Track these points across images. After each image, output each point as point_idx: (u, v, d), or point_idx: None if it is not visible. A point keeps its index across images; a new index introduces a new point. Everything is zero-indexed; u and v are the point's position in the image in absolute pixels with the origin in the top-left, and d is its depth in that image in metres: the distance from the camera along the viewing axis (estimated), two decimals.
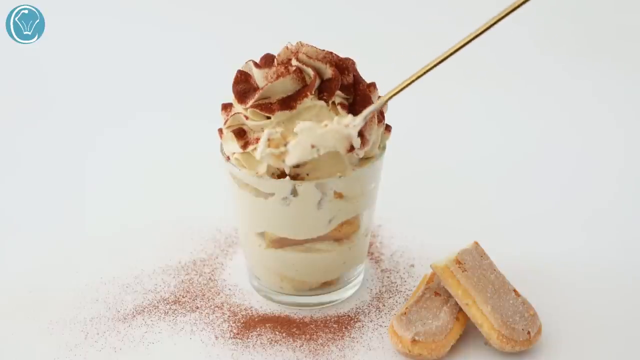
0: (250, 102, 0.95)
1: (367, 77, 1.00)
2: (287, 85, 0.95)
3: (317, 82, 0.95)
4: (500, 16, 0.88)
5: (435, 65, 0.91)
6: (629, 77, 1.52)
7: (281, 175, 0.95)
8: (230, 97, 0.98)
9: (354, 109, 0.97)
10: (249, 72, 0.98)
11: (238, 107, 0.97)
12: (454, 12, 1.65)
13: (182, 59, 1.60)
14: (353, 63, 0.98)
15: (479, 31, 0.89)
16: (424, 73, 0.91)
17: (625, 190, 1.25)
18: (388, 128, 1.01)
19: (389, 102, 1.01)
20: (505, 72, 1.55)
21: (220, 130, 0.99)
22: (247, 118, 0.96)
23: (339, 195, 0.97)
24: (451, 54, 0.90)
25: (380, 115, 0.99)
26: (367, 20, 1.67)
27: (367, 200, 1.00)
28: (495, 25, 0.88)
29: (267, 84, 0.94)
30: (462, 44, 0.89)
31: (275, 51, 0.99)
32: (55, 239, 1.16)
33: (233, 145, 0.97)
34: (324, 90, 0.95)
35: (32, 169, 1.31)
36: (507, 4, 0.88)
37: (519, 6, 0.87)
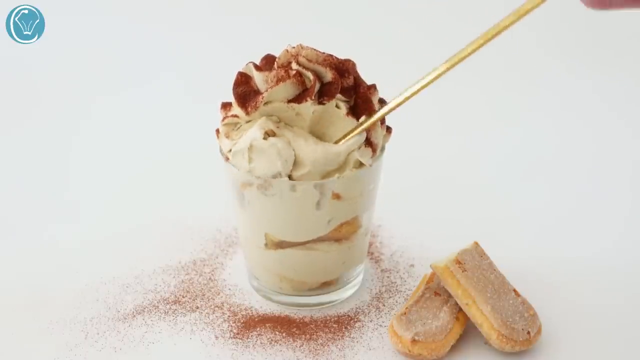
0: (251, 109, 0.95)
1: (368, 77, 1.00)
2: (287, 89, 0.94)
3: (317, 85, 0.95)
4: (501, 27, 0.88)
5: (433, 80, 0.92)
6: (635, 78, 1.52)
7: None
8: (231, 97, 0.98)
9: (354, 111, 0.97)
10: (249, 74, 0.98)
11: (237, 109, 0.97)
12: (456, 13, 1.65)
13: (183, 58, 1.60)
14: (353, 65, 0.98)
15: (479, 43, 0.89)
16: (420, 90, 0.93)
17: (626, 190, 1.25)
18: (388, 130, 1.01)
19: (388, 102, 1.01)
20: (505, 72, 1.54)
21: (218, 131, 0.99)
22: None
23: (337, 196, 0.97)
24: (451, 66, 0.91)
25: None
26: (370, 20, 1.67)
27: (366, 201, 1.00)
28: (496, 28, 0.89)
29: (267, 89, 0.94)
30: (463, 55, 0.90)
31: (276, 51, 0.99)
32: (55, 239, 1.16)
33: (228, 143, 0.97)
34: (324, 94, 0.95)
35: (32, 169, 1.31)
36: (508, 10, 0.88)
37: (525, 14, 0.87)
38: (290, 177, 0.95)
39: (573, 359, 0.97)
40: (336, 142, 0.96)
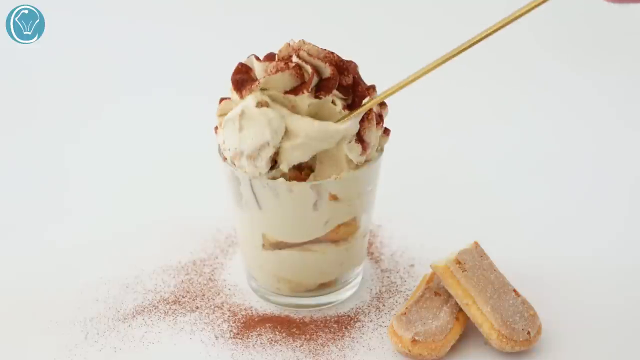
0: (246, 92, 0.95)
1: (372, 82, 1.00)
2: (285, 80, 0.94)
3: (315, 80, 0.95)
4: (501, 24, 0.88)
5: (431, 69, 0.92)
6: (635, 78, 1.52)
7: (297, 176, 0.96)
8: (229, 92, 0.98)
9: (351, 110, 0.97)
10: (249, 66, 0.98)
11: (233, 94, 0.97)
12: (458, 17, 1.65)
13: (183, 58, 1.60)
14: (355, 66, 0.98)
15: (480, 37, 0.89)
16: (419, 76, 0.92)
17: (626, 190, 1.25)
18: (386, 131, 1.01)
19: (389, 104, 1.01)
20: (505, 72, 1.54)
21: (217, 128, 0.99)
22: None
23: (334, 197, 0.97)
24: (449, 57, 0.91)
25: (379, 118, 0.99)
26: (379, 24, 1.67)
27: (364, 202, 1.00)
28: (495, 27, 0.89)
29: (265, 76, 0.94)
30: (460, 49, 0.90)
31: None
32: (55, 239, 1.16)
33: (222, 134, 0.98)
34: (321, 89, 0.95)
35: (32, 169, 1.31)
36: (511, 8, 0.88)
37: (524, 13, 0.87)
38: (278, 149, 0.94)
39: (573, 359, 0.97)
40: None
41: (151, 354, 0.98)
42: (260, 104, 0.94)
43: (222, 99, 0.99)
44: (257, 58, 0.97)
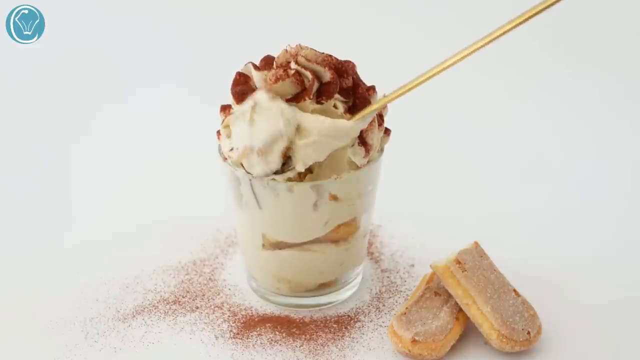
0: None
1: (370, 80, 1.00)
2: (285, 88, 0.94)
3: (316, 85, 0.95)
4: (504, 29, 0.88)
5: (437, 73, 0.91)
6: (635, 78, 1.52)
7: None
8: (230, 98, 0.98)
9: (352, 112, 0.96)
10: (248, 74, 0.98)
11: (235, 106, 0.97)
12: (457, 17, 1.65)
13: (183, 58, 1.60)
14: (353, 66, 0.98)
15: (482, 43, 0.89)
16: (425, 80, 0.92)
17: (626, 190, 1.25)
18: (387, 132, 1.01)
19: (389, 105, 1.01)
20: (504, 72, 1.54)
21: (219, 132, 0.99)
22: None
23: (334, 198, 0.97)
24: (454, 62, 0.90)
25: (380, 118, 0.99)
26: (373, 22, 1.67)
27: (364, 203, 1.00)
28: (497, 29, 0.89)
29: (265, 85, 0.94)
30: (464, 54, 0.90)
31: (276, 53, 0.98)
32: (55, 239, 1.16)
33: (229, 142, 0.97)
34: (322, 94, 0.95)
35: (32, 169, 1.31)
36: (513, 13, 0.88)
37: (526, 19, 0.87)
38: (291, 146, 0.93)
39: (573, 359, 0.97)
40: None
41: (151, 354, 0.98)
42: (272, 97, 0.93)
43: (223, 107, 0.99)
44: (255, 66, 0.96)
